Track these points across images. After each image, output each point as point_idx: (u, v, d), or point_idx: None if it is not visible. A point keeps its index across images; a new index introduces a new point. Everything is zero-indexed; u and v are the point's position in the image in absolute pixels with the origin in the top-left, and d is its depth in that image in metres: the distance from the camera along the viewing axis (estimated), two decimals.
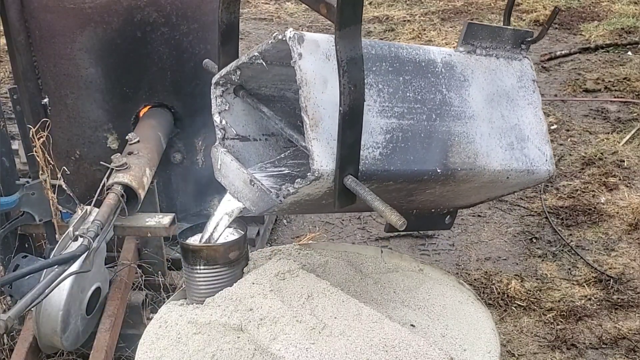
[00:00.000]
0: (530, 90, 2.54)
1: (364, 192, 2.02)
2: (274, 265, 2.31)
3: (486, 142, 2.39)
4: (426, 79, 2.32)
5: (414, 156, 2.22)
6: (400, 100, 2.24)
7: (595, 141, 5.03)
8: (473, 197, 2.58)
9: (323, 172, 2.04)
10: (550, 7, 7.26)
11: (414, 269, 2.51)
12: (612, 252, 4.00)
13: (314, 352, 2.01)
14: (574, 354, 3.38)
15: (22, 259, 3.16)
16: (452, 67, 2.40)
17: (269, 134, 2.45)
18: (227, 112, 2.37)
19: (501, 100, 2.47)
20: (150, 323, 2.26)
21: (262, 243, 3.91)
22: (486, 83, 2.46)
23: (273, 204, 2.15)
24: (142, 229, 3.08)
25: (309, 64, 2.05)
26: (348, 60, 1.94)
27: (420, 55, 2.34)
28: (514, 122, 2.47)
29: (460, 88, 2.38)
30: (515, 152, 2.46)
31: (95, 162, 3.45)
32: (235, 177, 2.25)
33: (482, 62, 2.49)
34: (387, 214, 1.97)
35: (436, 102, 2.31)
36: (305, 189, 2.10)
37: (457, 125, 2.34)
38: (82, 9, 3.33)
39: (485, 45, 2.50)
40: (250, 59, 2.23)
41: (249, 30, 7.01)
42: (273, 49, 2.16)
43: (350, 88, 1.96)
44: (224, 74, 2.32)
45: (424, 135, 2.26)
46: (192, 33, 3.54)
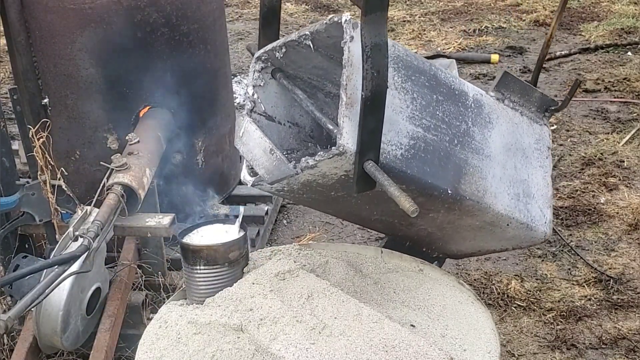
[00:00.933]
0: (544, 155, 2.63)
1: (381, 177, 2.05)
2: (274, 266, 2.31)
3: (497, 183, 2.45)
4: (456, 106, 2.39)
5: (430, 169, 2.27)
6: (430, 115, 2.30)
7: (595, 141, 5.03)
8: (468, 241, 2.64)
9: (347, 149, 2.07)
10: (550, 7, 7.27)
11: (414, 269, 2.51)
12: (612, 252, 4.00)
13: (314, 352, 2.01)
14: (574, 354, 3.38)
15: (22, 259, 3.17)
16: (481, 106, 2.47)
17: (293, 123, 2.49)
18: (260, 88, 2.41)
19: (517, 153, 2.54)
20: (150, 323, 2.26)
21: (262, 243, 3.91)
22: (507, 132, 2.53)
23: (288, 173, 2.17)
24: (142, 229, 3.08)
25: (358, 48, 2.08)
26: (372, 45, 1.97)
27: (455, 83, 2.42)
28: (524, 177, 2.54)
29: (484, 127, 2.46)
30: (520, 204, 2.51)
31: (95, 162, 3.44)
32: (256, 145, 2.26)
33: (507, 112, 2.57)
34: (402, 200, 2.00)
35: (460, 130, 2.38)
36: (324, 165, 2.12)
37: (474, 158, 2.40)
38: (82, 9, 3.33)
39: (514, 99, 2.60)
40: (299, 37, 2.27)
41: (249, 31, 7.01)
42: (325, 31, 2.21)
43: (373, 74, 1.99)
44: (269, 49, 2.36)
45: (443, 155, 2.31)
46: (192, 33, 3.54)
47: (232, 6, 7.59)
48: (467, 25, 7.03)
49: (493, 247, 2.72)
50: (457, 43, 6.63)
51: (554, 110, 2.67)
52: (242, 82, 5.98)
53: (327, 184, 2.23)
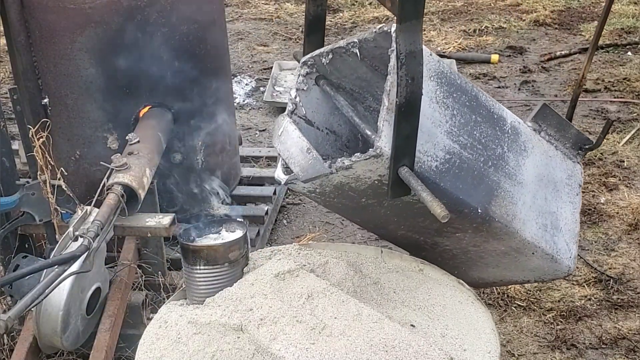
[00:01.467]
0: (575, 193, 2.65)
1: (415, 183, 2.08)
2: (274, 265, 2.31)
3: (526, 211, 2.46)
4: (494, 129, 2.41)
5: (463, 185, 2.29)
6: (467, 133, 2.33)
7: None
8: (491, 268, 2.64)
9: (384, 152, 2.10)
10: (550, 7, 7.26)
11: (414, 269, 2.51)
12: (612, 252, 4.00)
13: (314, 352, 2.01)
14: (574, 354, 3.38)
15: (22, 259, 3.16)
16: (518, 134, 2.50)
17: (331, 130, 2.54)
18: (303, 92, 2.45)
19: (549, 185, 2.56)
20: (150, 323, 2.26)
21: (262, 243, 3.91)
22: (541, 163, 2.56)
23: (323, 172, 2.20)
24: (142, 229, 3.08)
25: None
26: (407, 53, 1.99)
27: (495, 107, 2.46)
28: (553, 209, 2.56)
29: (518, 154, 2.48)
30: (547, 235, 2.52)
31: (95, 162, 3.44)
32: (293, 144, 2.28)
33: (542, 144, 2.59)
34: (434, 205, 2.03)
35: (496, 153, 2.40)
36: (359, 167, 2.14)
37: (507, 182, 2.42)
38: (82, 9, 3.33)
39: (550, 132, 2.62)
40: (348, 44, 2.32)
41: (248, 31, 7.01)
42: (373, 40, 2.25)
43: (407, 80, 2.02)
44: (316, 54, 2.41)
45: (477, 174, 2.34)
46: (192, 33, 3.54)
47: (232, 6, 7.59)
48: (467, 25, 7.03)
49: (515, 277, 2.71)
50: (457, 43, 6.63)
51: (588, 149, 2.68)
52: (242, 82, 5.98)
53: (360, 189, 2.25)
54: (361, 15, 7.19)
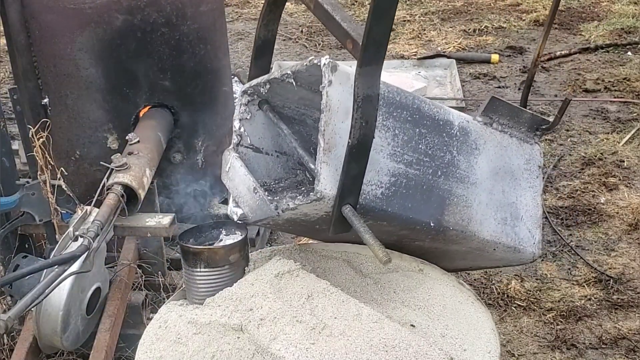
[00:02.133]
0: (535, 175, 2.63)
1: (357, 224, 2.10)
2: (274, 266, 2.31)
3: (482, 210, 2.47)
4: (440, 137, 2.40)
5: (412, 204, 2.30)
6: (412, 150, 2.32)
7: (595, 141, 5.03)
8: (458, 261, 2.67)
9: (325, 195, 2.11)
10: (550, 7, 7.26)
11: (414, 269, 2.51)
12: (612, 252, 4.00)
13: (314, 352, 2.01)
14: (574, 354, 3.38)
15: (22, 259, 3.16)
16: (467, 133, 2.48)
17: (281, 152, 2.51)
18: (247, 121, 2.43)
19: (505, 176, 2.55)
20: (150, 323, 2.26)
21: (262, 243, 3.91)
22: (495, 157, 2.54)
23: (270, 214, 2.22)
24: (142, 229, 3.08)
25: (336, 92, 2.12)
26: (364, 97, 2.00)
27: (440, 114, 2.43)
28: (512, 200, 2.55)
29: (470, 154, 2.47)
30: (507, 228, 2.53)
31: (95, 162, 3.44)
32: (241, 182, 2.30)
33: (495, 136, 2.57)
34: (375, 249, 2.06)
35: (444, 161, 2.39)
36: (304, 208, 2.16)
37: (459, 187, 2.41)
38: (82, 9, 3.33)
39: (503, 122, 2.59)
40: (282, 76, 2.30)
41: (248, 31, 7.01)
42: (306, 71, 2.24)
43: (361, 123, 2.02)
44: (254, 84, 2.39)
45: (426, 188, 2.33)
46: (192, 33, 3.54)
47: (232, 6, 7.59)
48: (467, 25, 7.03)
49: (484, 265, 2.77)
50: (457, 43, 6.63)
51: (545, 130, 2.66)
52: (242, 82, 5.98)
53: (310, 221, 2.27)
54: (361, 15, 7.19)
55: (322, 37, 6.88)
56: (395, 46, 6.65)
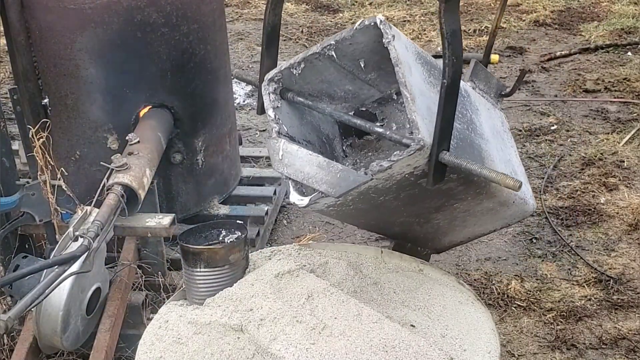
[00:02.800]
0: (509, 137, 2.75)
1: (466, 164, 2.08)
2: (274, 266, 2.31)
3: (499, 164, 2.52)
4: (459, 96, 2.41)
5: (468, 156, 2.31)
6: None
7: (595, 141, 5.03)
8: (468, 229, 2.72)
9: (425, 143, 2.08)
10: (550, 7, 7.26)
11: (414, 269, 2.51)
12: (612, 252, 4.00)
13: (314, 353, 2.01)
14: (574, 354, 3.38)
15: (22, 259, 3.16)
16: (469, 95, 2.55)
17: (307, 141, 2.48)
18: (278, 109, 2.38)
19: (497, 136, 2.64)
20: (150, 323, 2.26)
21: (262, 243, 3.91)
22: (488, 117, 2.62)
23: (361, 180, 2.13)
24: (142, 229, 3.08)
25: (398, 47, 2.13)
26: (452, 32, 2.00)
27: None
28: (508, 157, 2.65)
29: (476, 114, 2.53)
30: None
31: (95, 162, 3.44)
32: (306, 163, 2.21)
33: (482, 99, 2.66)
34: (502, 179, 2.03)
35: (467, 118, 2.43)
36: (398, 165, 2.10)
37: (482, 143, 2.47)
38: (82, 10, 3.33)
39: (481, 87, 2.69)
40: (323, 48, 2.27)
41: (249, 31, 7.01)
42: (351, 38, 2.21)
43: (453, 60, 2.03)
44: (284, 68, 2.34)
45: (469, 142, 2.37)
46: (192, 33, 3.54)
47: (232, 6, 7.59)
48: (467, 25, 7.03)
49: (486, 230, 2.82)
50: None
51: (504, 96, 2.77)
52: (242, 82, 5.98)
53: (385, 187, 2.22)
54: (361, 15, 7.19)
55: (322, 37, 6.88)
56: None
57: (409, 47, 2.20)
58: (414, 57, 2.23)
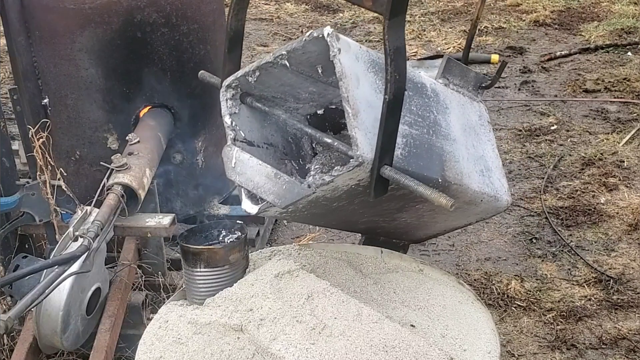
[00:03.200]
0: (487, 130, 2.74)
1: (404, 179, 2.09)
2: (274, 266, 2.31)
3: (466, 164, 2.53)
4: (422, 98, 2.44)
5: (423, 162, 2.32)
6: (408, 111, 2.34)
7: (595, 141, 5.03)
8: (439, 224, 2.74)
9: (365, 159, 2.09)
10: (550, 7, 7.26)
11: (414, 269, 2.51)
12: (612, 252, 4.00)
13: (314, 353, 2.01)
14: (574, 354, 3.38)
15: (22, 259, 3.16)
16: (437, 94, 2.54)
17: (269, 143, 2.49)
18: (236, 115, 2.40)
19: (471, 132, 2.63)
20: (150, 323, 2.26)
21: (262, 243, 3.91)
22: (460, 114, 2.62)
23: (304, 194, 2.16)
24: (142, 229, 3.08)
25: (345, 59, 2.12)
26: (395, 49, 2.02)
27: (415, 77, 2.48)
28: (480, 153, 2.64)
29: (444, 113, 2.52)
30: (486, 179, 2.61)
31: (95, 162, 3.45)
32: (256, 173, 2.26)
33: (455, 95, 2.66)
34: (435, 197, 2.04)
35: (431, 120, 2.43)
36: (340, 179, 2.13)
37: (447, 144, 2.46)
38: (82, 10, 3.33)
39: (456, 82, 2.70)
40: (275, 58, 2.27)
41: (249, 31, 7.01)
42: (302, 48, 2.22)
43: (395, 76, 2.04)
44: (240, 75, 2.35)
45: (427, 147, 2.36)
46: (192, 33, 3.54)
47: None
48: (467, 25, 7.03)
49: (460, 224, 2.85)
50: (457, 43, 6.63)
51: (485, 87, 2.79)
52: None
53: (334, 197, 2.25)
54: (361, 15, 7.19)
55: None
56: None
57: (360, 57, 2.19)
58: (366, 67, 2.21)
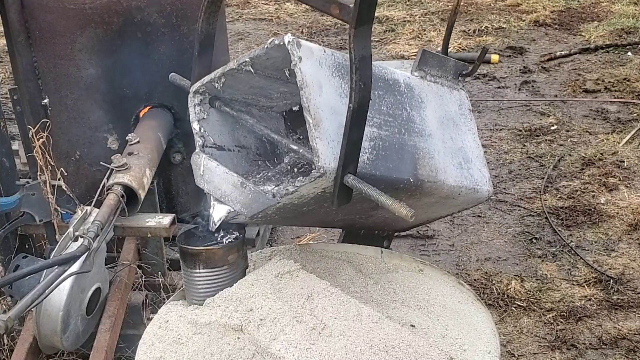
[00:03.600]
0: (469, 118, 2.73)
1: (366, 188, 2.08)
2: (274, 266, 2.31)
3: (442, 159, 2.52)
4: (394, 96, 2.43)
5: (392, 164, 2.32)
6: (377, 112, 2.33)
7: (595, 141, 5.03)
8: (420, 215, 2.71)
9: (327, 170, 2.09)
10: (550, 7, 7.27)
11: (414, 269, 2.51)
12: (612, 252, 4.00)
13: (314, 353, 2.01)
14: (574, 354, 3.38)
15: (22, 259, 3.16)
16: (412, 89, 2.53)
17: (240, 146, 2.49)
18: (204, 120, 2.40)
19: (449, 123, 2.62)
20: (150, 323, 2.26)
21: (262, 244, 3.91)
22: (437, 107, 2.61)
23: (269, 204, 2.18)
24: (142, 230, 3.08)
25: (307, 67, 2.11)
26: (360, 58, 2.00)
27: (387, 74, 2.46)
28: (459, 145, 2.63)
29: (419, 108, 2.52)
30: (464, 171, 2.61)
31: (95, 162, 3.44)
32: (222, 181, 2.27)
33: (432, 87, 2.64)
34: (396, 207, 2.03)
35: (403, 118, 2.42)
36: (304, 189, 2.14)
37: (421, 141, 2.46)
38: (82, 10, 3.33)
39: (434, 73, 2.68)
40: (239, 65, 2.26)
41: (248, 31, 7.01)
42: (265, 55, 2.20)
43: (360, 85, 2.02)
44: (207, 81, 2.35)
45: (398, 147, 2.36)
46: (192, 33, 3.53)
47: (232, 6, 7.59)
48: (467, 25, 7.03)
49: (442, 214, 2.85)
50: (457, 43, 6.64)
51: (466, 75, 2.77)
52: None
53: (302, 203, 2.26)
54: None
55: (322, 37, 6.88)
56: (395, 46, 6.65)
57: (324, 62, 2.16)
58: (331, 71, 2.19)
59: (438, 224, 4.28)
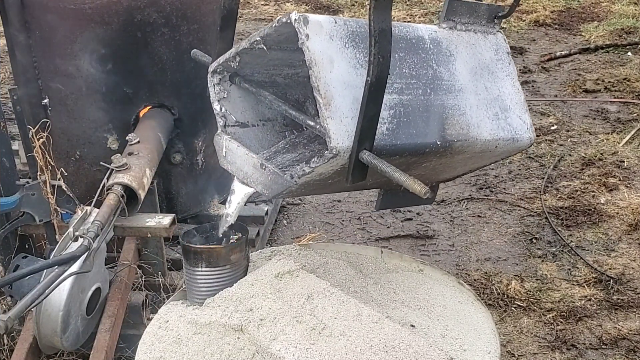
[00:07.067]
0: (507, 63, 2.62)
1: (382, 165, 2.05)
2: (274, 266, 2.31)
3: (475, 113, 2.45)
4: (418, 55, 2.37)
5: (416, 130, 2.26)
6: (398, 76, 2.28)
7: (595, 141, 5.03)
8: (459, 168, 2.65)
9: (340, 150, 2.06)
10: (550, 7, 7.27)
11: (414, 269, 2.51)
12: (612, 252, 4.00)
13: (314, 353, 2.01)
14: (574, 354, 3.38)
15: (22, 259, 3.16)
16: (439, 43, 2.46)
17: (265, 120, 2.46)
18: (225, 99, 2.38)
19: (483, 72, 2.54)
20: (150, 323, 2.26)
21: (262, 244, 3.91)
22: (469, 57, 2.52)
23: (287, 185, 2.16)
24: (142, 230, 3.08)
25: (316, 44, 2.07)
26: (380, 31, 1.97)
27: (410, 32, 2.40)
28: (496, 94, 2.54)
29: (447, 63, 2.44)
30: (501, 122, 2.53)
31: (95, 162, 3.45)
32: (244, 162, 2.25)
33: (463, 37, 2.55)
34: (411, 184, 2.00)
35: (429, 77, 2.36)
36: (320, 169, 2.11)
37: (449, 98, 2.39)
38: (82, 9, 3.33)
39: (464, 21, 2.57)
40: (251, 44, 2.23)
41: (249, 31, 7.02)
42: (275, 32, 2.17)
43: (379, 59, 1.99)
44: (222, 61, 2.33)
45: (422, 110, 2.30)
46: (192, 33, 3.54)
47: None
48: None
49: (485, 163, 2.77)
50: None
51: (502, 17, 2.67)
52: None
53: (324, 178, 2.23)
54: (361, 15, 7.19)
55: None
56: None
57: (335, 34, 2.11)
58: (344, 43, 2.14)
59: (438, 224, 4.28)
